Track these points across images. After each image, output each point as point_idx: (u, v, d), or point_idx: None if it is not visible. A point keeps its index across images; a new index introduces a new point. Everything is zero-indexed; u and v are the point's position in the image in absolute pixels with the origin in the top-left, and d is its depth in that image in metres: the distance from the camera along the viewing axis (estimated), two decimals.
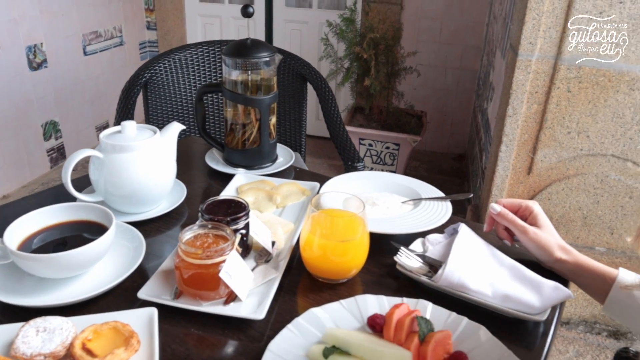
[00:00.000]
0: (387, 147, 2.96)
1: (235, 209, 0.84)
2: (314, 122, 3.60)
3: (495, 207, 0.90)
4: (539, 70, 1.73)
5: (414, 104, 3.20)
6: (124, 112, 1.60)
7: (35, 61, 2.85)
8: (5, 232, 0.78)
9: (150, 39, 3.74)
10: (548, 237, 0.85)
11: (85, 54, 3.19)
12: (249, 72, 1.15)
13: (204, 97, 1.20)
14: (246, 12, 1.09)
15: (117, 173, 0.94)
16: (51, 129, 3.04)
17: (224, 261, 0.74)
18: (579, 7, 1.61)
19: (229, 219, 0.81)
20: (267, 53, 1.14)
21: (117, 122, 1.52)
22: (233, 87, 1.16)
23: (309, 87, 1.82)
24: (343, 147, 1.62)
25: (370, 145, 2.97)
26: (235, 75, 1.16)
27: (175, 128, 1.04)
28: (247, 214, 0.84)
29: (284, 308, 0.79)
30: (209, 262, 0.73)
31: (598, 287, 0.80)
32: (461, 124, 3.49)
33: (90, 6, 3.17)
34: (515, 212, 0.90)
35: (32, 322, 0.68)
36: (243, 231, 0.84)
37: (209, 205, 0.85)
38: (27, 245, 0.80)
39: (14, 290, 0.77)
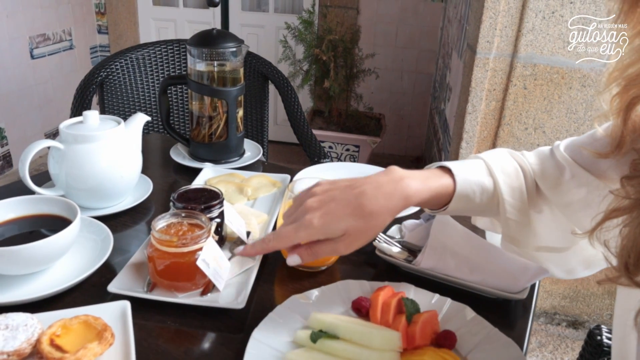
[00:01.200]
0: (347, 149, 2.96)
1: (209, 198, 0.81)
2: (272, 127, 3.57)
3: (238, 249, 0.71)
4: (496, 68, 1.77)
5: (372, 107, 3.23)
6: (80, 111, 1.53)
7: None
8: None
9: (101, 43, 3.62)
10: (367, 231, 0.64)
11: (32, 57, 3.05)
12: (215, 63, 1.12)
13: (168, 90, 1.16)
14: (212, 1, 1.06)
15: (79, 165, 0.89)
16: None
17: (200, 249, 0.71)
18: (532, 7, 1.67)
19: (202, 206, 0.78)
20: (234, 43, 1.11)
21: None
22: (199, 78, 1.12)
23: (270, 88, 1.80)
24: (308, 145, 1.61)
25: (330, 147, 2.97)
26: (201, 66, 1.12)
27: (140, 119, 1.00)
28: (221, 202, 0.81)
29: (264, 297, 0.76)
30: (185, 250, 0.70)
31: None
32: (418, 126, 3.55)
33: (38, 8, 3.04)
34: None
35: None
36: (218, 220, 0.80)
37: (180, 194, 0.81)
38: None
39: None
